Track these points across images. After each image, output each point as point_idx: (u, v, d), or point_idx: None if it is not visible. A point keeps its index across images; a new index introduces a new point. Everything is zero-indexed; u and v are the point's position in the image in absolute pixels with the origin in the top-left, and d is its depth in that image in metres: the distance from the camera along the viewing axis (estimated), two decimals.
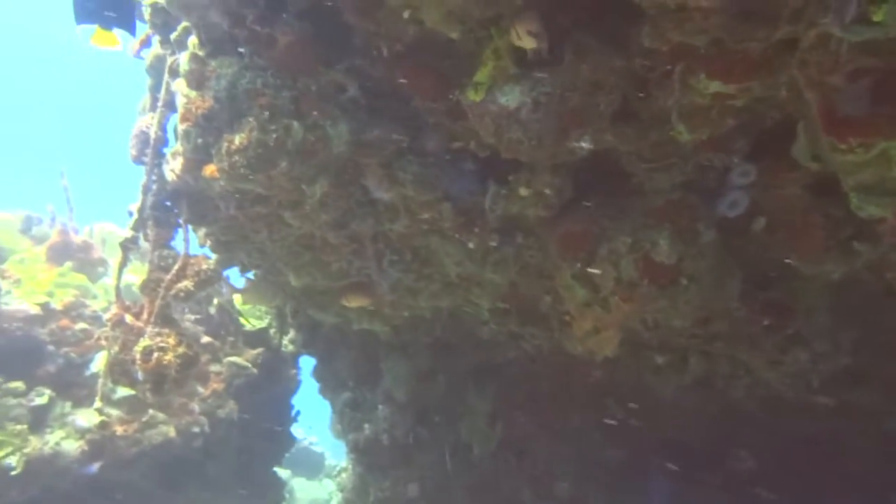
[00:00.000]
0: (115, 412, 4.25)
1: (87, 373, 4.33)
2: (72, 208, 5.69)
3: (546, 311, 2.88)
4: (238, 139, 2.05)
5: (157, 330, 2.51)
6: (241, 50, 2.05)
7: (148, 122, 2.52)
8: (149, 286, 2.59)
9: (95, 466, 4.10)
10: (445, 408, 4.15)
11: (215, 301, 5.37)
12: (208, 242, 2.79)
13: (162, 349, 2.47)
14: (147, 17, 2.41)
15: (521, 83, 1.92)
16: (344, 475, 5.99)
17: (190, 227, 2.62)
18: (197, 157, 2.15)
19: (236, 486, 5.64)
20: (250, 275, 2.96)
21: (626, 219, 2.17)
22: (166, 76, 2.43)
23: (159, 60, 2.47)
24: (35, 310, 4.14)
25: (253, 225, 2.46)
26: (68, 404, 4.20)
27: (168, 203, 2.61)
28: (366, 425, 4.46)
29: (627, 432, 3.56)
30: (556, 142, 1.96)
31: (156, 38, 2.50)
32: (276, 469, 6.50)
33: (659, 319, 2.31)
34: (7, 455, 3.70)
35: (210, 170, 2.13)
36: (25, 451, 3.77)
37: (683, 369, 2.98)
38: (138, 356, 2.44)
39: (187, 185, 2.40)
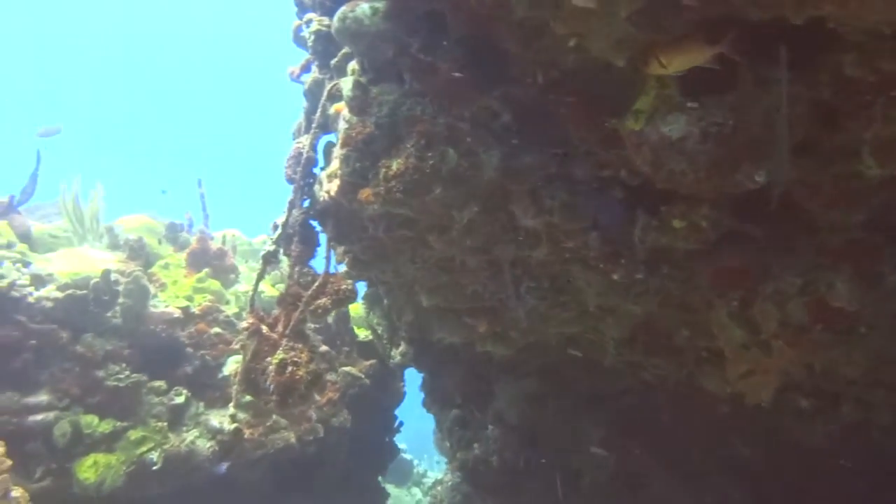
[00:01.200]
0: (242, 415, 4.46)
1: (220, 375, 4.57)
2: (207, 216, 6.09)
3: (682, 345, 2.75)
4: (395, 165, 2.09)
5: (291, 344, 2.59)
6: (404, 77, 2.10)
7: (303, 143, 2.63)
8: (286, 300, 2.69)
9: (224, 466, 4.31)
10: (557, 434, 4.06)
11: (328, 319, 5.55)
12: (346, 259, 2.87)
13: (295, 364, 2.55)
14: (309, 43, 2.53)
15: (689, 112, 1.83)
16: (440, 489, 5.99)
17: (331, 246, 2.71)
18: (353, 181, 2.22)
19: (342, 493, 5.79)
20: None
21: (795, 257, 2.02)
22: (323, 100, 2.53)
23: (317, 85, 2.58)
24: (177, 313, 4.42)
25: (396, 246, 2.51)
26: (202, 404, 4.45)
27: (313, 221, 2.70)
28: (475, 445, 4.44)
29: (752, 475, 3.33)
30: (725, 175, 1.85)
31: (314, 64, 2.61)
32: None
33: (826, 367, 2.13)
34: (149, 450, 3.96)
35: (366, 194, 2.19)
36: (165, 447, 4.02)
37: (833, 416, 2.74)
38: (273, 368, 2.54)
39: (337, 205, 2.49)
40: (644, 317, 2.61)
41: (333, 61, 2.45)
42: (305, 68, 2.68)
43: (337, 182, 2.29)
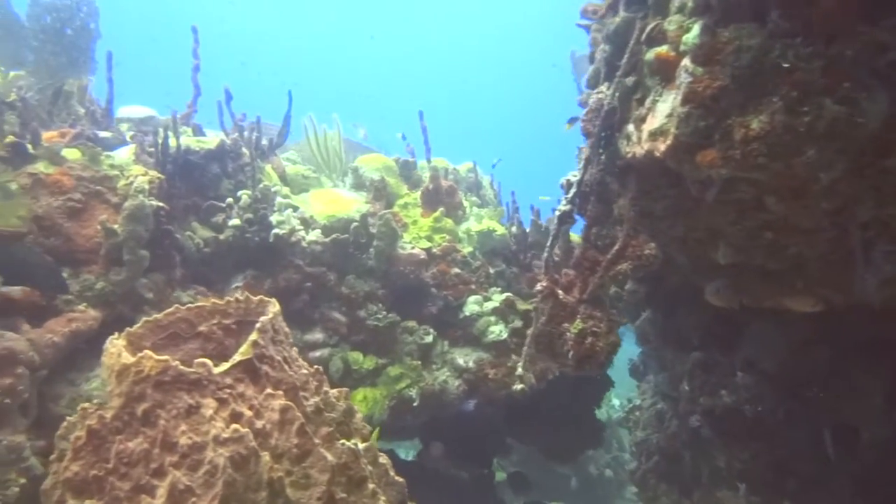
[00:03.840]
0: (486, 356, 4.53)
1: (461, 315, 4.64)
2: (429, 149, 6.10)
3: None
4: (756, 124, 1.75)
5: (589, 311, 2.44)
6: (768, 14, 1.72)
7: (603, 93, 2.35)
8: (582, 263, 2.52)
9: (472, 403, 4.45)
10: (826, 385, 3.61)
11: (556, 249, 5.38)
12: (629, 213, 2.62)
13: (595, 334, 2.40)
14: None
15: None
16: (637, 414, 5.78)
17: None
18: (692, 141, 1.91)
19: (564, 424, 5.83)
20: None
21: None
22: (633, 43, 2.21)
23: (626, 25, 2.26)
24: (423, 255, 4.51)
25: (720, 208, 2.20)
26: (446, 343, 4.58)
27: (611, 179, 2.46)
28: (722, 392, 4.14)
29: None
30: None
31: (621, 3, 2.29)
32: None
33: None
34: (407, 387, 4.16)
35: (709, 157, 1.88)
36: (420, 384, 4.20)
37: None
38: (572, 337, 2.41)
39: (647, 162, 2.21)
40: None
41: None
42: (612, 6, 2.37)
43: (667, 141, 2.00)
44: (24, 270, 2.59)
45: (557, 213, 2.48)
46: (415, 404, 4.16)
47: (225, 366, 1.76)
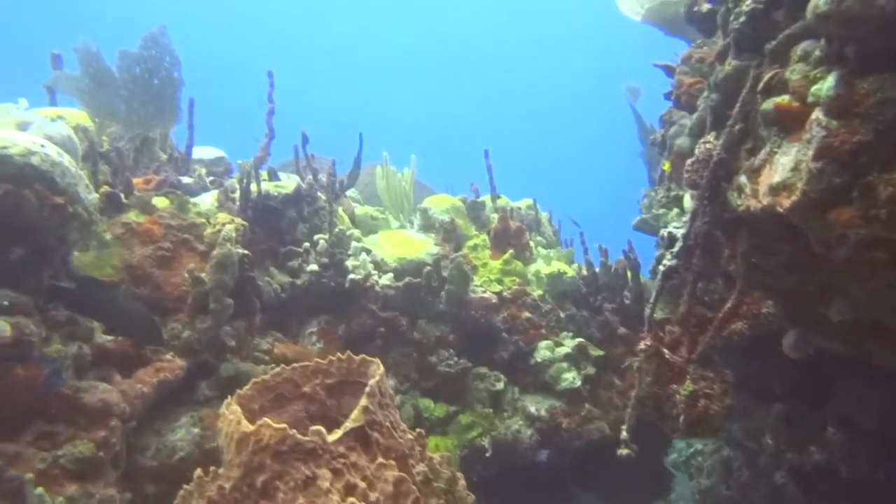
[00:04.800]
0: (558, 404, 4.38)
1: (532, 361, 4.52)
2: (495, 187, 6.06)
3: None
4: None
5: (700, 372, 2.31)
6: None
7: (711, 144, 2.26)
8: (688, 320, 2.39)
9: (545, 454, 4.30)
10: None
11: (626, 293, 5.23)
12: (737, 266, 2.49)
13: (708, 396, 2.26)
14: (734, 24, 2.12)
15: None
16: (700, 459, 5.50)
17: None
18: (824, 198, 1.80)
19: (632, 468, 5.60)
20: None
21: None
22: (746, 92, 2.12)
23: (738, 73, 2.17)
24: (494, 299, 4.43)
25: (846, 266, 2.06)
26: (516, 389, 4.45)
27: (719, 232, 2.35)
28: (812, 448, 3.89)
29: None
30: None
31: (732, 50, 2.20)
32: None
33: None
34: (479, 435, 4.05)
35: (845, 215, 1.76)
36: (493, 433, 4.08)
37: None
38: (683, 399, 2.27)
39: (761, 216, 2.10)
40: None
41: (770, 45, 2.02)
42: (721, 55, 2.29)
43: (792, 197, 1.88)
44: (122, 320, 2.61)
45: (661, 268, 2.38)
46: (487, 454, 4.03)
47: (337, 433, 1.70)
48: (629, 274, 5.17)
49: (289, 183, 4.14)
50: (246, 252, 3.21)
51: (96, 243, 2.90)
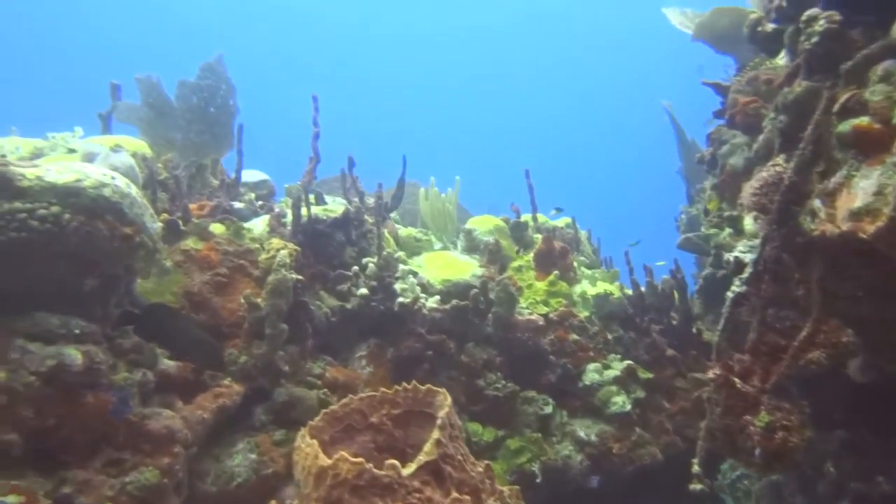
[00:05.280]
0: (608, 428, 4.30)
1: (580, 384, 4.45)
2: (536, 208, 6.03)
3: None
4: None
5: (775, 403, 2.23)
6: None
7: (781, 166, 2.20)
8: (759, 349, 2.32)
9: (595, 480, 4.20)
10: None
11: (672, 313, 5.13)
12: (820, 294, 2.41)
13: (786, 428, 2.18)
14: (805, 45, 2.08)
15: None
16: (746, 482, 5.31)
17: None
18: None
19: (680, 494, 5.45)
20: None
21: None
22: (819, 114, 2.06)
23: (809, 94, 2.12)
24: (541, 321, 4.38)
25: None
26: (565, 413, 4.38)
27: (788, 257, 2.28)
28: (879, 478, 3.73)
29: None
30: None
31: (802, 71, 2.15)
32: None
33: None
34: (528, 461, 3.98)
35: None
36: (542, 458, 4.01)
37: None
38: (759, 431, 2.20)
39: (838, 243, 2.03)
40: None
41: (846, 65, 1.96)
42: (791, 76, 2.24)
43: (877, 222, 1.82)
44: (187, 345, 2.64)
45: (731, 294, 2.32)
46: (537, 480, 3.96)
47: (412, 467, 1.68)
48: (676, 294, 5.08)
49: (336, 207, 4.17)
50: (299, 277, 3.23)
51: (157, 270, 2.95)
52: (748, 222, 3.21)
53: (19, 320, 2.21)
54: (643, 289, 5.00)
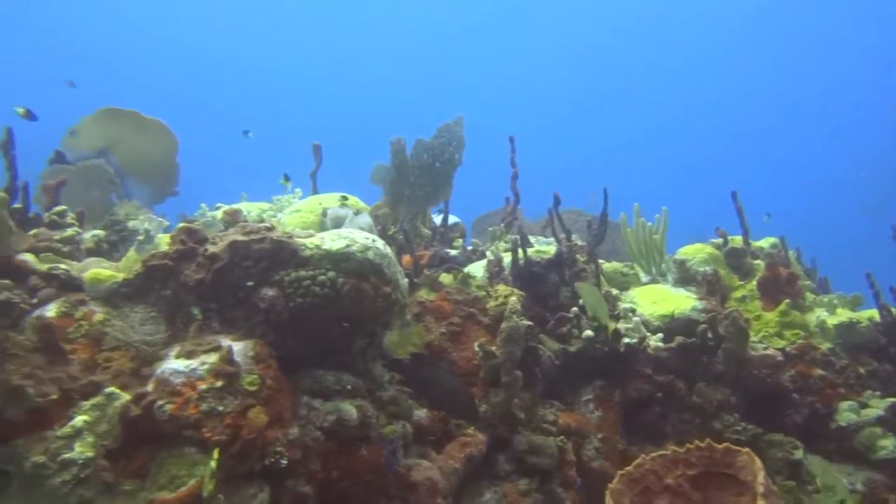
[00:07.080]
0: (877, 476, 3.74)
1: (833, 425, 3.94)
2: (746, 230, 5.54)
3: None
4: None
5: None
6: None
7: None
8: None
9: None
10: None
11: None
12: None
13: None
14: None
15: None
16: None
17: None
18: None
19: None
20: None
21: None
22: None
23: None
24: (780, 356, 3.96)
25: None
26: (817, 458, 3.88)
27: None
28: None
29: None
30: None
31: None
32: None
33: None
34: None
35: None
36: None
37: None
38: None
39: None
40: None
41: None
42: None
43: None
44: (444, 396, 2.70)
45: None
46: None
47: None
48: None
49: (548, 247, 4.12)
50: (530, 323, 3.20)
51: (399, 322, 3.09)
52: None
53: (302, 378, 2.39)
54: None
